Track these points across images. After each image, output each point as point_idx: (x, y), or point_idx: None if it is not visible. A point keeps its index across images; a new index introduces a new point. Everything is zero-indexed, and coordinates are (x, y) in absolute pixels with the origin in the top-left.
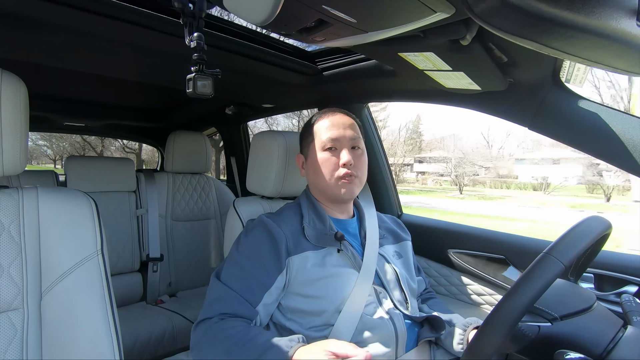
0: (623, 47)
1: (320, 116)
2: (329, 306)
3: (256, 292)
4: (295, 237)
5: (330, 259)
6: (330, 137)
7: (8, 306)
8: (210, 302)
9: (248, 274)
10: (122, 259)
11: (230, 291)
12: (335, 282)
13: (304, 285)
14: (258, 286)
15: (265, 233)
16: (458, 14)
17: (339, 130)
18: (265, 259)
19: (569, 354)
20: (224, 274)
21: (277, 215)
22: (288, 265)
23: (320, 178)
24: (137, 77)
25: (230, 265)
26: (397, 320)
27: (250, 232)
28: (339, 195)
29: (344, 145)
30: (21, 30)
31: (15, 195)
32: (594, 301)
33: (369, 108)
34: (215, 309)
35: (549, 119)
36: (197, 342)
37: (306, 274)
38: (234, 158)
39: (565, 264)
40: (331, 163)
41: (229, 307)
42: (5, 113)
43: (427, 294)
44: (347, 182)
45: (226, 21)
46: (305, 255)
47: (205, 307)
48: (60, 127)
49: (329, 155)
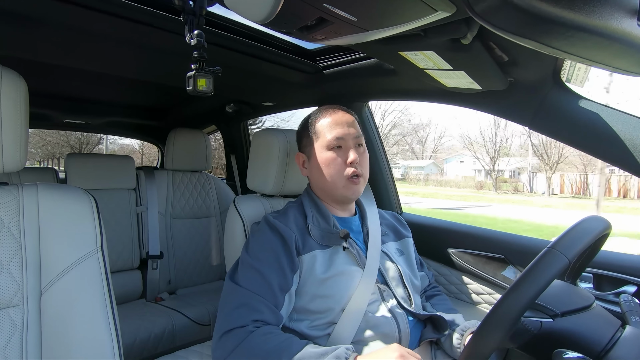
0: (624, 47)
1: (321, 114)
2: (335, 305)
3: (278, 296)
4: (302, 236)
5: (337, 258)
6: (336, 136)
7: (8, 303)
8: (235, 307)
9: (266, 277)
10: (122, 256)
11: (256, 295)
12: (342, 280)
13: (314, 285)
14: (278, 289)
15: (275, 233)
16: (459, 13)
17: (344, 129)
18: (280, 260)
19: (567, 353)
20: (241, 278)
21: (282, 215)
22: (300, 265)
23: (326, 178)
24: (137, 74)
25: (246, 269)
26: (400, 319)
27: (260, 234)
28: (346, 196)
29: (349, 144)
30: (22, 27)
31: (15, 192)
32: (592, 301)
33: (370, 107)
34: (245, 315)
35: (549, 118)
36: (230, 352)
37: (315, 274)
38: (234, 156)
39: (569, 259)
40: (338, 163)
41: (259, 313)
42: (6, 110)
43: (432, 290)
44: (354, 183)
45: (227, 19)
46: (313, 254)
47: (231, 314)
48: (61, 124)
49: (335, 154)
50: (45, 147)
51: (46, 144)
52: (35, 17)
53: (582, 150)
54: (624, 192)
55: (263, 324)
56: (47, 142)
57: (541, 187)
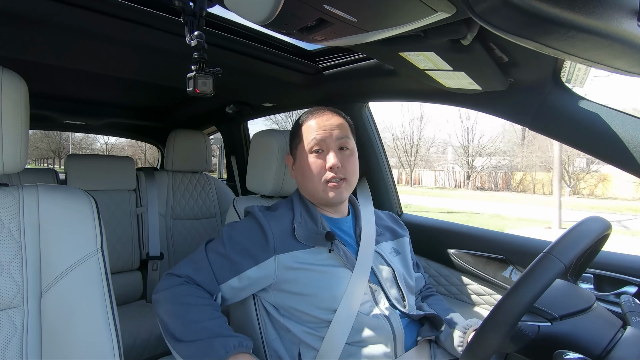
0: (624, 47)
1: (308, 116)
2: (320, 304)
3: (226, 272)
4: (284, 236)
5: (319, 258)
6: (316, 139)
7: (8, 304)
8: (187, 261)
9: (226, 254)
10: (122, 257)
11: (206, 262)
12: (324, 279)
13: (290, 283)
14: (230, 268)
15: (255, 225)
16: (459, 14)
17: (325, 132)
18: (247, 248)
19: (568, 354)
20: (210, 245)
21: (271, 212)
22: (275, 263)
23: (308, 181)
24: (137, 75)
25: (218, 241)
26: (393, 319)
27: (244, 220)
28: (327, 200)
29: (330, 147)
30: (22, 28)
31: (16, 193)
32: (593, 301)
33: (370, 107)
34: (186, 270)
35: (549, 118)
36: (157, 290)
37: (293, 272)
38: (234, 157)
39: (565, 264)
40: (317, 166)
41: (197, 274)
42: (6, 111)
43: (427, 291)
44: (334, 186)
45: (227, 20)
46: (293, 254)
47: (182, 264)
48: (61, 125)
49: (315, 158)
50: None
51: (35, 148)
52: (36, 18)
53: (582, 150)
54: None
55: (193, 283)
56: (36, 148)
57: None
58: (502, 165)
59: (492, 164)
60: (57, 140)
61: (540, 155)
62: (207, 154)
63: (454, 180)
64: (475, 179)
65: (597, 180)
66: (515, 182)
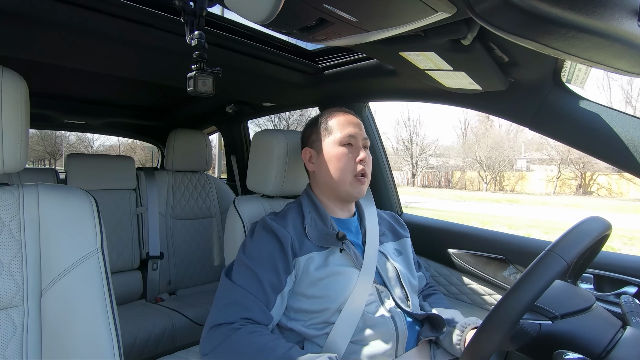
0: (624, 47)
1: (334, 113)
2: (331, 304)
3: (269, 296)
4: (299, 238)
5: (334, 259)
6: (349, 134)
7: (8, 303)
8: (226, 304)
9: (260, 277)
10: (122, 257)
11: (248, 294)
12: (337, 281)
13: (308, 286)
14: (271, 289)
15: (271, 235)
16: (459, 14)
17: (356, 129)
18: (275, 261)
19: (568, 354)
20: (235, 276)
21: (280, 217)
22: (295, 267)
23: (337, 171)
24: (137, 75)
25: (241, 267)
26: (398, 319)
27: (257, 235)
28: (351, 194)
29: (359, 144)
30: (22, 27)
31: (16, 193)
32: (593, 302)
33: (370, 107)
34: (234, 312)
35: (549, 119)
36: (215, 346)
37: (310, 275)
38: (234, 156)
39: (567, 262)
40: (349, 158)
41: (249, 311)
42: (6, 110)
43: (429, 290)
44: (360, 182)
45: (227, 19)
46: (310, 256)
47: (222, 309)
48: (61, 124)
49: (347, 150)
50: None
51: (32, 151)
52: (36, 17)
53: (582, 150)
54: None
55: (251, 322)
56: (33, 150)
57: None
58: (441, 166)
59: (432, 164)
60: (52, 143)
61: (472, 157)
62: (207, 154)
63: (407, 178)
64: (423, 177)
65: (517, 178)
66: (455, 180)
